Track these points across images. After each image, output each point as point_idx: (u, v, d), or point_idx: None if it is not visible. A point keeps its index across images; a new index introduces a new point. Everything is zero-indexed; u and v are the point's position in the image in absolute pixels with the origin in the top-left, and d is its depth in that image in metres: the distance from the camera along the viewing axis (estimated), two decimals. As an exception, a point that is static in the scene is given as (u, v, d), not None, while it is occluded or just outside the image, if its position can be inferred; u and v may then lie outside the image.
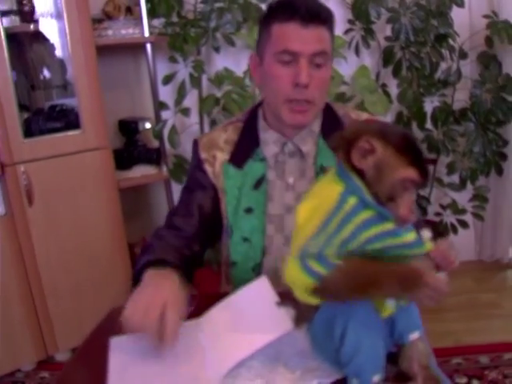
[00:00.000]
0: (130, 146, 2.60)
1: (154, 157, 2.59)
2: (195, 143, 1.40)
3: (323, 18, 1.22)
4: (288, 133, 1.31)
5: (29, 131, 2.22)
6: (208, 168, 1.35)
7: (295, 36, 1.20)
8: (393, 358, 0.91)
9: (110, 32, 2.40)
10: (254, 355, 0.97)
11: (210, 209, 1.35)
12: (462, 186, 2.74)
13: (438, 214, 2.80)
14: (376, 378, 0.84)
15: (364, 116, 1.37)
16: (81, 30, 2.18)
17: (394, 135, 0.82)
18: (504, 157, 2.75)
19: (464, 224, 2.76)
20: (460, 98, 2.71)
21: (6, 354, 2.23)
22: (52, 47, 2.40)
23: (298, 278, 0.83)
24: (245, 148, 1.34)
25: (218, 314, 1.11)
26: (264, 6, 2.52)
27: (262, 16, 1.30)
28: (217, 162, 1.34)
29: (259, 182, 1.30)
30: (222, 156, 1.34)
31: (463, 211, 2.76)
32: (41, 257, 2.24)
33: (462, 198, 2.81)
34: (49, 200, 2.22)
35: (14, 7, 2.25)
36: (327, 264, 0.81)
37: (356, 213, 0.80)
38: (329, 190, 0.83)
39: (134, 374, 0.97)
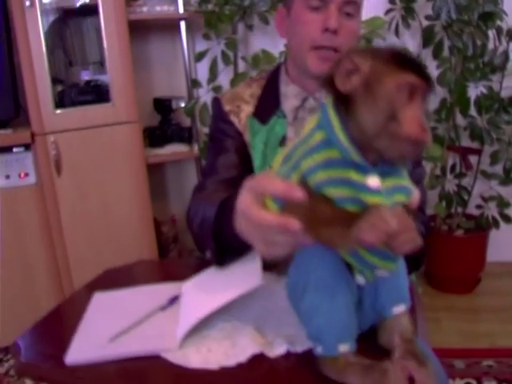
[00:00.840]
0: (164, 124, 2.61)
1: (186, 135, 2.58)
2: (216, 100, 1.36)
3: None
4: (310, 87, 1.26)
5: (61, 103, 2.26)
6: (234, 119, 1.31)
7: None
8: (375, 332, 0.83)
9: (144, 9, 2.40)
10: (231, 317, 0.95)
11: (241, 158, 1.29)
12: (506, 177, 2.58)
13: (479, 207, 2.66)
14: (343, 347, 0.76)
15: None
16: (114, 7, 2.20)
17: (381, 50, 0.74)
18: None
19: (507, 219, 2.61)
20: (509, 84, 2.55)
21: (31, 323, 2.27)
22: (88, 23, 2.43)
23: (268, 204, 0.78)
24: (268, 103, 1.30)
25: (203, 279, 1.08)
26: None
27: None
28: (242, 113, 1.31)
29: (283, 140, 1.26)
30: (248, 108, 1.31)
31: (507, 204, 2.60)
32: (67, 228, 2.27)
33: (507, 191, 2.65)
34: (77, 171, 2.25)
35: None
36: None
37: (319, 149, 0.73)
38: (306, 126, 0.78)
39: (104, 327, 0.96)
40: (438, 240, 2.68)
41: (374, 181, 0.72)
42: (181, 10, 2.42)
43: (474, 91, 2.52)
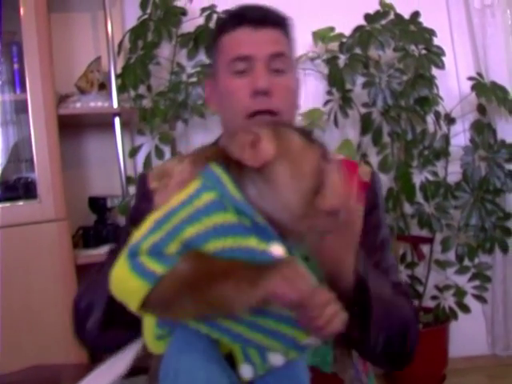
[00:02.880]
0: (100, 223, 2.48)
1: (123, 235, 2.45)
2: (142, 176, 1.22)
3: (276, 20, 1.12)
4: None
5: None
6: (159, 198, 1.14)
7: (246, 39, 1.08)
8: None
9: (78, 104, 2.35)
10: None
11: None
12: (460, 264, 2.48)
13: (434, 298, 2.53)
14: None
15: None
16: (43, 102, 2.14)
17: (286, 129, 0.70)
18: (507, 231, 2.48)
19: (466, 308, 2.48)
20: (453, 170, 2.52)
21: None
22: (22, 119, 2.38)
23: (126, 283, 0.63)
24: None
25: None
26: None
27: (212, 35, 1.20)
28: None
29: None
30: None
31: (464, 293, 2.48)
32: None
33: (462, 279, 2.53)
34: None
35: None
36: (166, 261, 0.61)
37: (208, 212, 0.62)
38: (183, 192, 0.66)
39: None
40: (396, 336, 2.51)
41: (277, 249, 0.63)
42: (115, 105, 2.37)
43: (418, 177, 2.48)
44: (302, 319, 0.63)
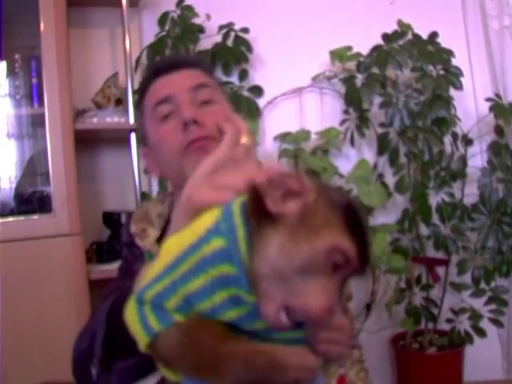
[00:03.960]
0: (113, 239, 2.47)
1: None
2: (129, 216, 1.21)
3: (189, 62, 1.12)
4: None
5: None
6: (139, 241, 1.11)
7: (163, 84, 1.07)
8: None
9: (94, 120, 2.36)
10: None
11: None
12: (476, 287, 2.44)
13: (449, 321, 2.49)
14: None
15: None
16: (61, 116, 2.15)
17: (333, 191, 0.61)
18: (525, 253, 2.45)
19: (482, 332, 2.43)
20: (470, 191, 2.49)
21: None
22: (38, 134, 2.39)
23: (133, 327, 0.62)
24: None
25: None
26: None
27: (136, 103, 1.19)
28: (147, 240, 1.10)
29: None
30: (153, 233, 1.11)
31: (480, 317, 2.44)
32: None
33: (478, 302, 2.49)
34: (12, 284, 2.06)
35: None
36: (163, 318, 0.59)
37: (215, 261, 0.58)
38: (200, 221, 0.62)
39: None
40: (409, 359, 2.48)
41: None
42: (131, 121, 2.37)
43: (434, 198, 2.45)
44: (312, 340, 0.62)
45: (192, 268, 0.59)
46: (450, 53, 2.43)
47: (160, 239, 1.09)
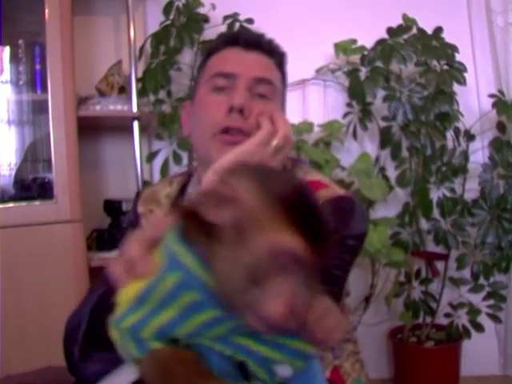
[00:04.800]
0: (114, 227, 2.47)
1: (137, 239, 2.44)
2: (136, 195, 1.22)
3: (268, 47, 1.09)
4: None
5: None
6: (146, 223, 1.11)
7: (234, 58, 1.06)
8: None
9: (97, 107, 2.35)
10: None
11: None
12: (475, 283, 2.45)
13: (447, 316, 2.49)
14: None
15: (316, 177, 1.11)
16: (64, 103, 2.14)
17: (276, 182, 0.56)
18: (525, 250, 2.46)
19: (479, 327, 2.44)
20: (471, 187, 2.50)
21: None
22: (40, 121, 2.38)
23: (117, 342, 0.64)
24: None
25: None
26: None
27: (202, 57, 1.17)
28: None
29: None
30: (161, 213, 1.12)
31: (478, 312, 2.45)
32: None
33: (477, 298, 2.50)
34: (13, 270, 2.06)
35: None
36: (141, 347, 0.61)
37: (176, 294, 0.58)
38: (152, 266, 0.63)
39: None
40: (406, 353, 2.49)
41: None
42: (134, 109, 2.37)
43: (435, 193, 2.46)
44: (303, 334, 0.61)
45: (157, 304, 0.60)
46: (454, 48, 2.42)
47: None
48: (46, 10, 2.16)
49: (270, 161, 0.96)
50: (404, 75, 2.45)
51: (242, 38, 1.09)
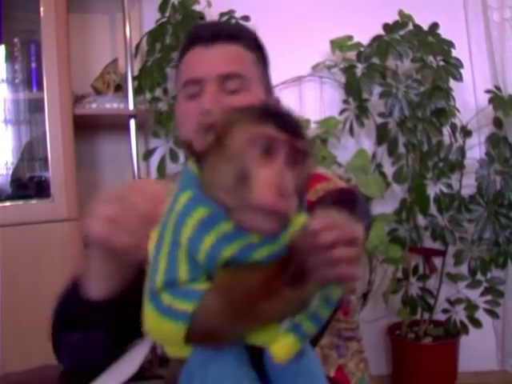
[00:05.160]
0: (111, 225, 2.48)
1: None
2: None
3: (231, 34, 1.05)
4: None
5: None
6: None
7: (198, 59, 1.04)
8: None
9: (94, 105, 2.35)
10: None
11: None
12: (472, 278, 2.45)
13: (445, 311, 2.50)
14: None
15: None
16: (60, 101, 2.14)
17: (247, 105, 0.62)
18: (521, 245, 2.46)
19: (477, 323, 2.45)
20: (468, 183, 2.50)
21: None
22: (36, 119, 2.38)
23: (161, 328, 0.59)
24: None
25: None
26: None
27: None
28: None
29: None
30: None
31: (475, 308, 2.45)
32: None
33: (474, 293, 2.51)
34: (9, 269, 2.06)
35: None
36: (188, 294, 0.58)
37: (189, 212, 0.58)
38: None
39: None
40: (404, 349, 2.50)
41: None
42: (131, 107, 2.37)
43: (432, 189, 2.46)
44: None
45: (174, 228, 0.59)
46: (450, 44, 2.43)
47: None
48: (42, 8, 2.15)
49: None
50: (400, 71, 2.45)
51: (199, 34, 1.07)
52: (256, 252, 0.58)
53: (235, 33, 1.07)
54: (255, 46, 1.09)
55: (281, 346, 0.59)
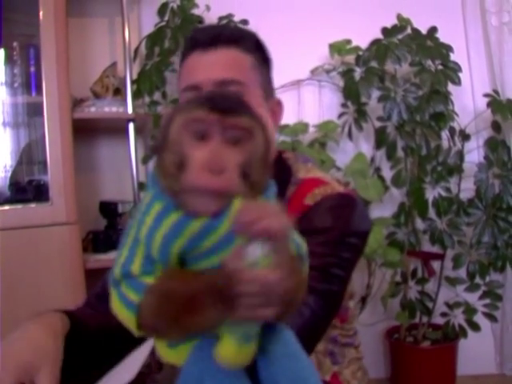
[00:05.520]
0: (110, 228, 2.47)
1: (133, 241, 2.44)
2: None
3: (229, 38, 1.04)
4: None
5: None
6: None
7: (196, 65, 1.04)
8: None
9: (92, 109, 2.35)
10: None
11: None
12: (471, 282, 2.46)
13: (444, 315, 2.50)
14: None
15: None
16: (59, 105, 2.14)
17: (193, 98, 0.63)
18: (520, 249, 2.46)
19: (476, 326, 2.45)
20: (467, 186, 2.50)
21: None
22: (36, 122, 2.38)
23: (121, 313, 0.62)
24: None
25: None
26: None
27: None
28: None
29: None
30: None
31: (474, 311, 2.45)
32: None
33: (473, 297, 2.51)
34: (8, 272, 2.04)
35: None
36: (137, 286, 0.60)
37: (148, 210, 0.59)
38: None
39: None
40: (403, 352, 2.50)
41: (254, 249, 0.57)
42: (130, 111, 2.37)
43: (431, 193, 2.47)
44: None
45: (137, 223, 0.60)
46: (448, 48, 2.44)
47: None
48: (41, 12, 2.15)
49: None
50: (399, 75, 2.46)
51: (198, 39, 1.06)
52: (203, 242, 0.58)
53: (234, 36, 1.06)
54: (255, 48, 1.08)
55: (225, 350, 0.59)
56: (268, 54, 1.12)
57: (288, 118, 2.51)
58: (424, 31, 2.46)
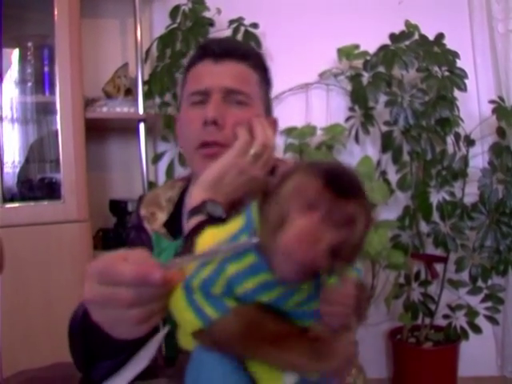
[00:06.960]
0: (120, 226, 2.51)
1: (142, 239, 2.48)
2: (139, 200, 1.26)
3: (239, 53, 1.10)
4: None
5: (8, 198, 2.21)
6: (147, 226, 1.17)
7: (207, 72, 1.09)
8: None
9: (104, 109, 2.39)
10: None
11: None
12: (473, 285, 2.49)
13: (446, 317, 2.54)
14: None
15: None
16: (72, 105, 2.19)
17: (315, 163, 0.61)
18: (522, 254, 2.50)
19: (477, 329, 2.49)
20: (471, 191, 2.54)
21: None
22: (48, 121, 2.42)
23: (182, 313, 0.65)
24: (180, 214, 1.16)
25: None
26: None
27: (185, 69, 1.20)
28: (156, 223, 1.16)
29: None
30: (162, 216, 1.17)
31: (476, 314, 2.49)
32: (4, 332, 2.09)
33: (475, 300, 2.55)
34: (20, 269, 2.10)
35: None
36: (218, 305, 0.62)
37: (243, 254, 0.61)
38: (233, 223, 0.67)
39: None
40: (405, 353, 2.53)
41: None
42: (141, 111, 2.41)
43: (435, 197, 2.50)
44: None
45: (228, 257, 0.62)
46: (455, 54, 2.47)
47: (167, 223, 1.16)
48: (55, 12, 2.20)
49: (250, 169, 1.00)
50: (406, 81, 2.49)
51: (211, 49, 1.11)
52: (287, 301, 0.62)
53: (245, 53, 1.13)
54: (261, 68, 1.15)
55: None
56: (270, 75, 1.19)
57: (296, 120, 2.57)
58: (431, 37, 2.50)
